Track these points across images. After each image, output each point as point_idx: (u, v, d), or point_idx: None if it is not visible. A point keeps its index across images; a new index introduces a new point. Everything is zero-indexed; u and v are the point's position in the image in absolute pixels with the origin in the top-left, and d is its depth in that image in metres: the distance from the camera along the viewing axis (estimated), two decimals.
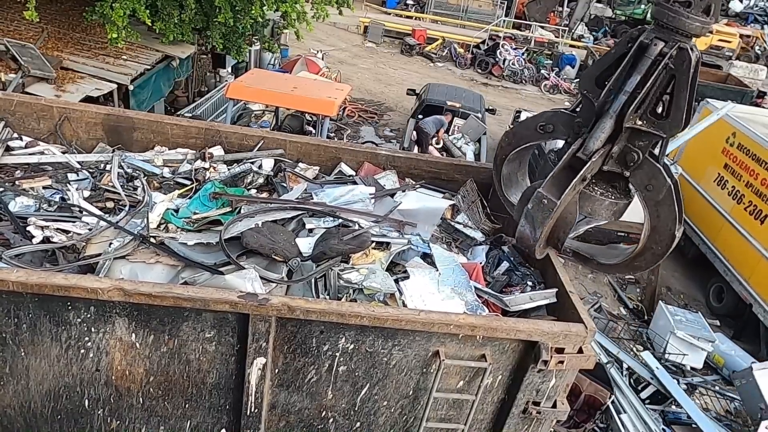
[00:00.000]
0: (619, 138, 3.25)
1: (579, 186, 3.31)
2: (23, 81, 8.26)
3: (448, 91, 13.71)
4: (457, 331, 3.26)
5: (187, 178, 4.59)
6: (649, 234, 3.37)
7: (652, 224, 3.33)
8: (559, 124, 3.57)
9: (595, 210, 3.45)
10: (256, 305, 3.08)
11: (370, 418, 3.56)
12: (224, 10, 9.93)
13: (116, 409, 3.40)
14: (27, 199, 3.97)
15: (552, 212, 3.25)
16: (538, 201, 3.30)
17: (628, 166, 3.29)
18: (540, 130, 3.64)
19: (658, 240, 3.35)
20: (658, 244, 3.37)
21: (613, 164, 3.34)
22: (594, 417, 6.70)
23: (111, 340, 3.19)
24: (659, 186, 3.24)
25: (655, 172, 3.25)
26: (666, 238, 3.33)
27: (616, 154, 3.30)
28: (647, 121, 3.21)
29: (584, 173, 3.24)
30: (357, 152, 5.17)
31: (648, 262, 3.48)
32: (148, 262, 3.64)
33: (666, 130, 3.20)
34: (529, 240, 3.45)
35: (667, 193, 3.24)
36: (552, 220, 3.31)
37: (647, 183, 3.27)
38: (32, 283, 2.97)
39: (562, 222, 3.39)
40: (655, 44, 3.11)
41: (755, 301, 9.51)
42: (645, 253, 3.44)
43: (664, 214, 3.28)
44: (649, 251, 3.42)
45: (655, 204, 3.29)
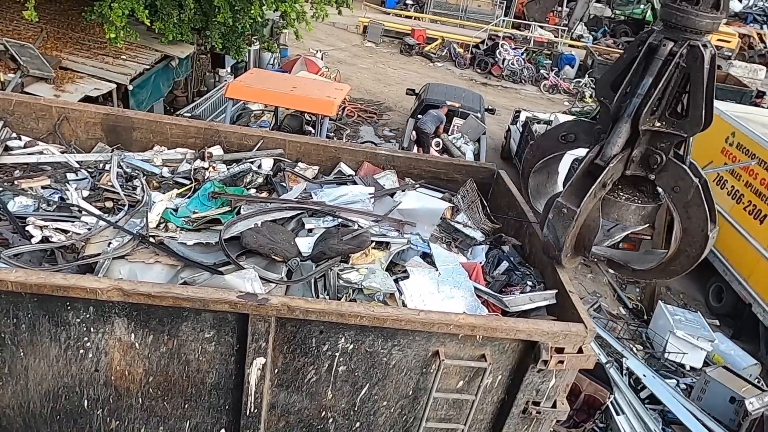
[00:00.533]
0: (638, 141, 3.22)
1: (599, 193, 3.28)
2: (22, 81, 8.25)
3: (447, 90, 13.71)
4: (457, 331, 3.25)
5: (186, 177, 4.58)
6: (681, 236, 3.30)
7: (684, 226, 3.27)
8: (580, 132, 3.57)
9: (622, 216, 3.40)
10: (256, 305, 3.08)
11: (369, 418, 3.55)
12: (223, 10, 9.93)
13: (115, 410, 3.39)
14: (26, 199, 3.97)
15: (572, 221, 3.23)
16: (558, 210, 3.29)
17: (652, 168, 3.26)
18: (562, 140, 3.65)
19: (692, 242, 3.29)
20: (691, 246, 3.30)
21: (637, 168, 3.31)
22: (593, 417, 6.71)
23: (110, 340, 3.18)
24: (686, 186, 3.19)
25: (681, 173, 3.21)
26: (699, 240, 3.26)
27: (637, 158, 3.27)
28: (666, 121, 3.17)
29: (603, 179, 3.21)
30: (356, 152, 5.17)
31: (684, 265, 3.41)
32: (148, 262, 3.63)
33: (686, 129, 3.15)
34: (553, 250, 3.45)
35: (696, 193, 3.19)
36: (574, 229, 3.28)
37: (674, 185, 3.23)
38: (31, 283, 2.96)
39: (586, 230, 3.37)
40: (664, 45, 3.08)
41: (754, 301, 9.51)
42: (679, 256, 3.38)
43: (695, 215, 3.22)
44: (684, 254, 3.36)
45: (684, 205, 3.23)
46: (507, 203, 4.88)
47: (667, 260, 3.44)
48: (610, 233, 3.56)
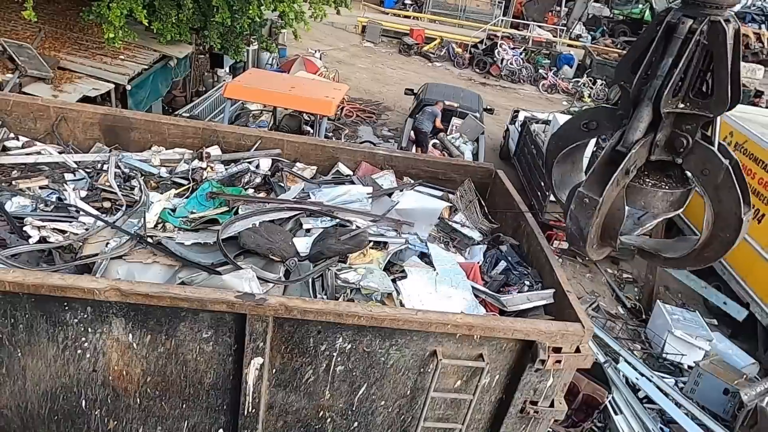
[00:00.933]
0: (662, 125, 3.06)
1: (623, 180, 3.11)
2: (20, 81, 8.24)
3: (446, 90, 13.72)
4: (455, 330, 3.25)
5: (184, 177, 4.58)
6: (713, 221, 3.14)
7: (715, 210, 3.12)
8: (602, 119, 3.42)
9: (649, 202, 3.24)
10: (254, 305, 3.08)
11: (367, 418, 3.55)
12: (222, 10, 9.93)
13: (113, 410, 3.39)
14: (24, 199, 3.96)
15: (595, 210, 3.06)
16: (579, 200, 3.13)
17: (678, 152, 3.09)
18: (584, 128, 3.50)
19: (724, 226, 3.13)
20: (725, 231, 3.14)
21: (662, 153, 3.14)
22: (592, 416, 6.71)
23: (108, 341, 3.18)
24: (715, 169, 3.03)
25: (709, 154, 3.05)
26: (733, 223, 3.10)
27: (662, 142, 3.10)
28: (690, 102, 3.02)
29: (626, 165, 3.04)
30: (355, 152, 5.18)
31: (718, 251, 3.24)
32: (145, 262, 3.63)
33: (712, 109, 2.98)
34: (578, 241, 3.25)
35: (726, 175, 3.03)
36: (598, 219, 3.12)
37: (702, 167, 3.07)
38: (29, 283, 2.96)
39: (610, 219, 3.18)
40: (683, 22, 2.92)
41: (753, 300, 9.51)
42: (713, 242, 3.21)
43: (726, 198, 3.06)
44: (717, 240, 3.19)
45: (714, 188, 3.08)
46: (505, 203, 4.89)
47: (700, 247, 3.27)
48: (640, 221, 3.44)
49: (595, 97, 20.14)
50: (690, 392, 7.91)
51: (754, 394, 7.39)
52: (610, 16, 29.26)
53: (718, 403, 7.73)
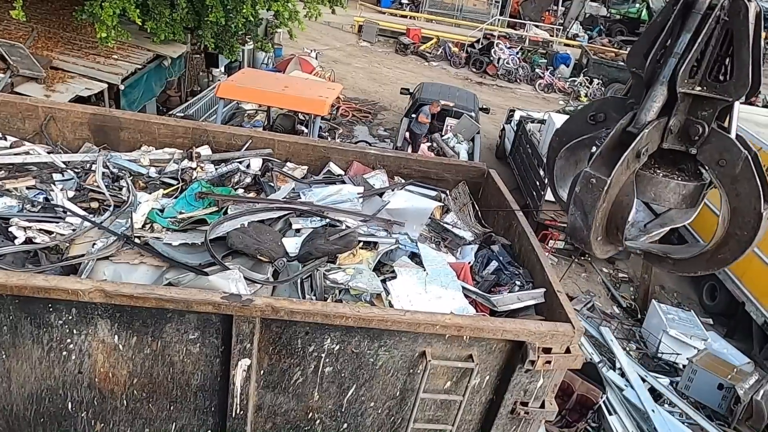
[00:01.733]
0: (676, 108, 2.85)
1: (633, 163, 2.86)
2: (12, 81, 8.19)
3: (441, 90, 13.71)
4: (444, 331, 3.23)
5: (173, 177, 4.55)
6: (729, 218, 2.88)
7: (732, 206, 2.85)
8: (610, 110, 3.16)
9: (660, 194, 2.97)
10: (240, 306, 3.05)
11: (357, 419, 3.53)
12: (216, 9, 9.89)
13: (100, 412, 3.36)
14: (10, 200, 3.92)
15: (602, 193, 2.79)
16: (585, 182, 2.84)
17: (693, 141, 2.85)
18: (591, 120, 3.23)
19: (742, 223, 2.85)
20: (742, 229, 2.86)
21: (675, 142, 2.90)
22: (586, 416, 6.70)
23: (93, 342, 3.15)
24: (734, 159, 2.78)
25: (727, 143, 2.81)
26: (751, 219, 2.82)
27: (676, 129, 2.87)
28: (707, 86, 2.80)
29: (637, 146, 2.80)
30: (346, 152, 5.15)
31: (734, 252, 2.96)
32: (132, 263, 3.60)
33: (731, 93, 2.75)
34: (581, 231, 2.97)
35: (745, 166, 2.78)
36: (605, 204, 2.85)
37: (719, 158, 2.81)
38: (12, 284, 2.93)
39: (617, 207, 2.91)
40: None
41: (748, 300, 9.52)
42: (728, 241, 2.93)
43: (745, 191, 2.80)
44: (733, 238, 2.91)
45: (731, 181, 2.82)
46: (497, 202, 4.87)
47: (714, 247, 2.99)
48: (647, 228, 3.24)
49: (591, 97, 20.14)
50: (684, 389, 7.91)
51: (748, 388, 7.40)
52: (607, 15, 29.29)
53: (713, 399, 7.74)
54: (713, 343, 8.74)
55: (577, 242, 3.16)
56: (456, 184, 5.16)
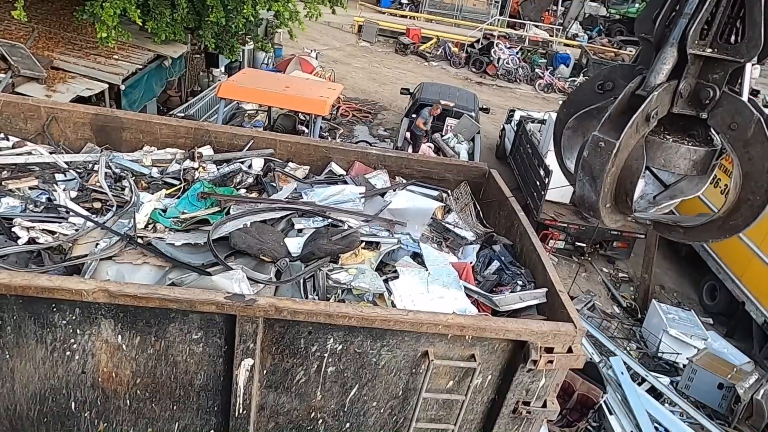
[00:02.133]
0: (686, 71, 2.78)
1: (642, 127, 2.80)
2: (13, 81, 8.20)
3: (441, 90, 13.72)
4: (446, 331, 3.24)
5: (175, 178, 4.56)
6: (741, 183, 2.80)
7: (744, 170, 2.77)
8: (618, 79, 3.09)
9: (670, 160, 2.90)
10: (243, 306, 3.05)
11: (359, 419, 3.54)
12: (216, 9, 9.90)
13: (103, 412, 3.37)
14: (13, 200, 3.93)
15: (611, 156, 2.73)
16: (594, 145, 2.78)
17: (703, 105, 2.79)
18: (599, 89, 3.15)
19: (755, 188, 2.77)
20: (755, 194, 2.77)
21: (685, 106, 2.84)
22: (587, 416, 6.71)
23: (97, 342, 3.15)
24: (746, 122, 2.71)
25: (739, 105, 2.74)
26: (764, 183, 2.74)
27: (686, 93, 2.81)
28: (718, 47, 2.74)
29: (646, 109, 2.74)
30: (348, 152, 5.16)
31: (746, 217, 2.87)
32: (135, 263, 3.60)
33: (742, 53, 2.67)
34: (590, 197, 2.89)
35: (758, 129, 2.70)
36: (614, 168, 2.79)
37: (731, 121, 2.74)
38: (16, 284, 2.93)
39: (627, 171, 2.85)
40: None
41: (747, 299, 9.54)
42: (740, 207, 2.85)
43: (757, 154, 2.72)
44: (746, 204, 2.82)
45: (744, 144, 2.74)
46: (498, 202, 4.88)
47: (725, 214, 2.90)
48: (656, 201, 3.18)
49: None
50: (685, 388, 7.93)
51: (748, 387, 7.42)
52: (607, 15, 29.32)
53: (713, 398, 7.76)
54: (713, 342, 8.76)
55: (585, 210, 3.07)
56: (457, 184, 5.17)
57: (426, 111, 11.75)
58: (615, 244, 11.11)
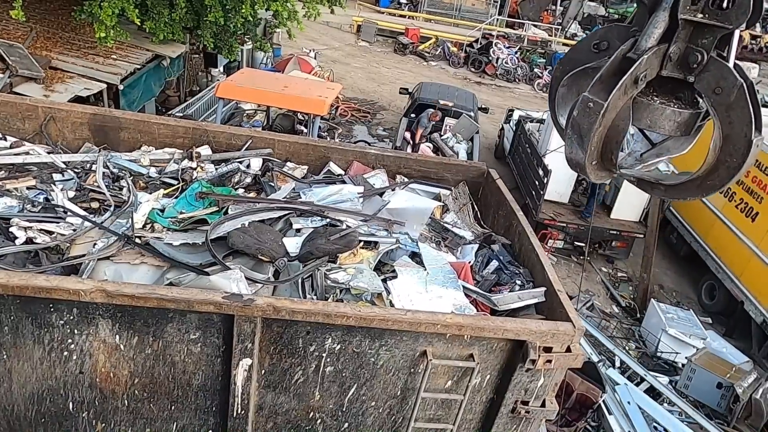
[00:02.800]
0: (677, 35, 2.88)
1: (631, 89, 2.90)
2: (11, 81, 8.18)
3: (440, 89, 13.71)
4: (445, 330, 3.23)
5: (173, 177, 4.55)
6: (721, 145, 2.94)
7: (724, 133, 2.91)
8: (614, 39, 3.15)
9: (655, 121, 3.03)
10: (241, 306, 3.05)
11: (358, 419, 3.53)
12: (215, 9, 9.89)
13: (101, 412, 3.36)
14: (10, 200, 3.92)
15: (599, 116, 2.84)
16: (584, 106, 2.89)
17: (691, 69, 2.89)
18: (594, 49, 3.22)
19: (733, 151, 2.92)
20: (732, 156, 2.93)
21: (674, 69, 2.94)
22: (586, 415, 6.70)
23: (94, 342, 3.15)
24: (729, 87, 2.82)
25: (725, 71, 2.84)
26: (741, 147, 2.90)
27: (675, 56, 2.91)
28: (709, 13, 2.81)
29: (635, 72, 2.84)
30: (346, 151, 5.16)
31: (723, 178, 3.02)
32: (133, 263, 3.60)
33: (731, 20, 2.77)
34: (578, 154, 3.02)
35: (739, 94, 2.83)
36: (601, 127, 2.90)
37: (715, 86, 2.86)
38: (13, 284, 2.92)
39: (613, 131, 2.97)
40: None
41: (746, 299, 9.54)
42: (719, 168, 3.00)
43: (737, 119, 2.87)
44: (723, 165, 2.98)
45: (726, 108, 2.87)
46: (496, 201, 4.88)
47: (704, 174, 3.05)
48: (642, 158, 3.29)
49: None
50: (684, 388, 7.93)
51: (746, 386, 7.43)
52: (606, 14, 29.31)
53: (712, 397, 7.77)
54: (712, 342, 8.76)
55: (573, 166, 3.19)
56: (456, 184, 5.17)
57: (425, 118, 11.72)
58: (614, 243, 11.12)
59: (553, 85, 3.48)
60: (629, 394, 6.99)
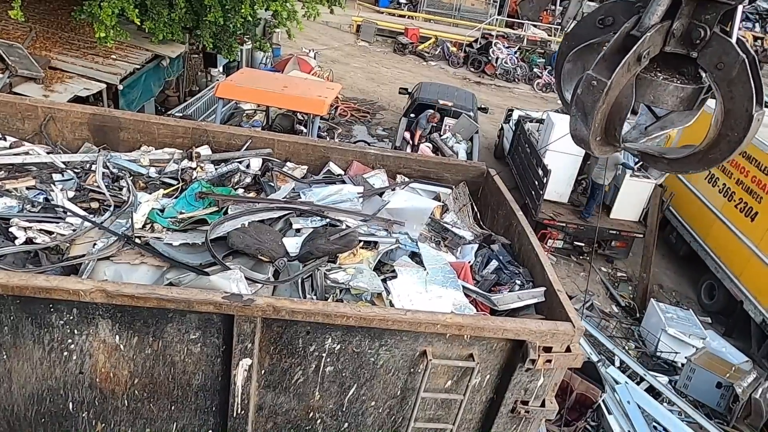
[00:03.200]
0: (680, 12, 2.91)
1: (634, 66, 2.94)
2: (10, 81, 8.18)
3: (440, 89, 13.71)
4: (444, 330, 3.23)
5: (173, 177, 4.55)
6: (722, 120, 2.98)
7: (726, 107, 2.95)
8: (619, 14, 3.18)
9: (658, 97, 3.07)
10: (241, 306, 3.05)
11: (358, 419, 3.53)
12: (214, 9, 9.89)
13: (101, 412, 3.36)
14: (10, 200, 3.92)
15: (602, 94, 2.89)
16: (587, 84, 2.94)
17: (694, 45, 2.91)
18: (599, 24, 3.25)
19: (734, 125, 2.97)
20: (733, 130, 2.97)
21: (677, 45, 2.97)
22: (585, 415, 6.71)
23: (94, 342, 3.15)
24: (731, 62, 2.86)
25: (727, 47, 2.88)
26: (742, 121, 2.95)
27: (678, 32, 2.94)
28: None
29: (638, 50, 2.88)
30: (346, 151, 5.16)
31: (724, 151, 3.07)
32: (133, 263, 3.60)
33: None
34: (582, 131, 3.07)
35: (741, 69, 2.87)
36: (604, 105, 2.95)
37: (717, 61, 2.89)
38: (13, 285, 2.92)
39: (617, 108, 3.02)
40: None
41: (746, 298, 9.54)
42: (720, 142, 3.05)
43: (739, 94, 2.90)
44: (725, 139, 3.02)
45: (728, 83, 2.92)
46: (496, 201, 4.88)
47: (706, 147, 3.09)
48: (647, 132, 3.33)
49: None
50: (683, 387, 7.94)
51: (746, 386, 7.43)
52: None
53: (712, 397, 7.78)
54: (712, 341, 8.76)
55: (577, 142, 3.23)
56: (456, 184, 5.17)
57: (423, 120, 11.72)
58: (614, 243, 11.13)
59: (559, 61, 3.51)
60: (629, 394, 7.00)
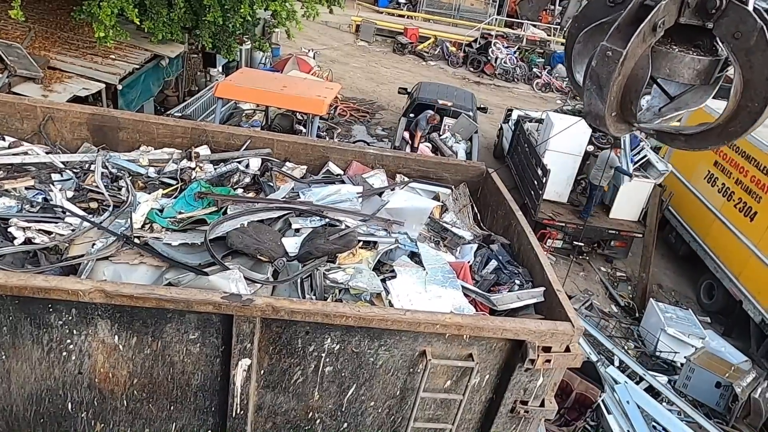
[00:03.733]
0: None
1: (649, 36, 2.87)
2: (9, 81, 8.17)
3: (439, 89, 13.70)
4: (444, 330, 3.23)
5: (172, 177, 4.55)
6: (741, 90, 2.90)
7: (745, 78, 2.87)
8: None
9: (675, 69, 3.00)
10: (240, 306, 3.05)
11: (357, 419, 3.53)
12: (213, 9, 9.89)
13: (100, 412, 3.36)
14: (9, 200, 3.92)
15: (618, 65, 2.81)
16: (602, 54, 2.85)
17: (709, 15, 2.86)
18: (610, 3, 3.18)
19: (754, 95, 2.89)
20: (753, 101, 2.89)
21: (692, 17, 2.91)
22: (585, 415, 6.71)
23: (93, 343, 3.14)
24: (749, 30, 2.79)
25: (744, 15, 2.81)
26: (763, 91, 2.86)
27: (693, 3, 2.88)
28: None
29: (653, 18, 2.80)
30: (345, 151, 5.15)
31: (744, 124, 2.98)
32: (132, 263, 3.59)
33: None
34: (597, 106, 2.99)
35: (760, 37, 2.79)
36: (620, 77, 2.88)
37: (734, 30, 2.82)
38: (12, 285, 2.92)
39: (632, 80, 2.95)
40: None
41: (745, 298, 9.55)
42: (739, 114, 2.96)
43: (758, 63, 2.83)
44: (744, 110, 2.94)
45: (746, 53, 2.84)
46: (495, 201, 4.88)
47: (725, 121, 3.01)
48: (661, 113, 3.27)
49: None
50: (683, 387, 7.94)
51: (745, 385, 7.44)
52: None
53: (711, 397, 7.78)
54: (711, 341, 8.77)
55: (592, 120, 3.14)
56: (455, 184, 5.17)
57: (423, 121, 11.71)
58: (613, 243, 11.13)
59: (568, 42, 3.44)
60: (628, 393, 7.00)
